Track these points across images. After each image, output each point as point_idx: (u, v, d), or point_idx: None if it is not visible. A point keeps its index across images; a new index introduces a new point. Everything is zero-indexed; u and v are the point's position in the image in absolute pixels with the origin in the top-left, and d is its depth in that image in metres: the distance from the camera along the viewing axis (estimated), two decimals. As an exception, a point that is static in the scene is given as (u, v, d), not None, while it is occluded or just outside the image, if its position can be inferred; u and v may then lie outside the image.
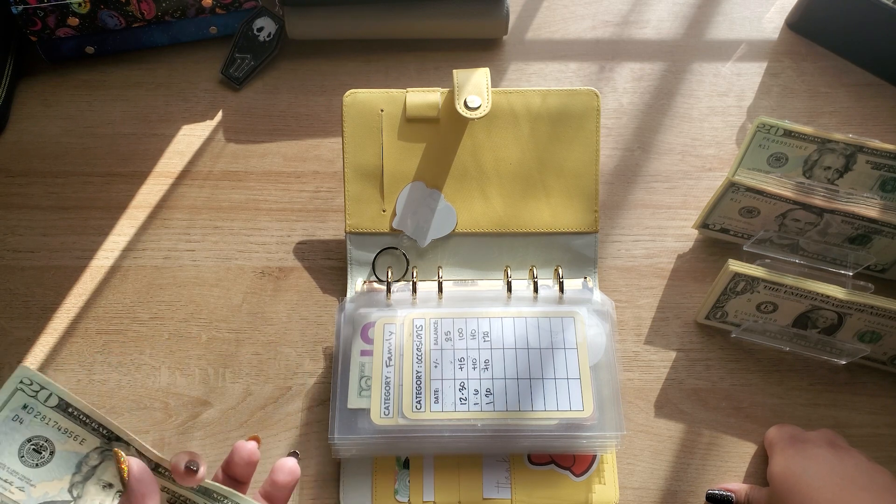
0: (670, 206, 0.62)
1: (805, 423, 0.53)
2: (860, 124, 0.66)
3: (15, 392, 0.40)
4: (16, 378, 0.39)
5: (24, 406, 0.40)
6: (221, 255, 0.60)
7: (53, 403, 0.40)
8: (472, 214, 0.57)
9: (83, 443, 0.41)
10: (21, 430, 0.40)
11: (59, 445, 0.40)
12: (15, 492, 0.40)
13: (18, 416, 0.40)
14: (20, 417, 0.40)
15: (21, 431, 0.40)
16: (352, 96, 0.57)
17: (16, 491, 0.40)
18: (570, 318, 0.52)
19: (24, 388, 0.39)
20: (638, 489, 0.52)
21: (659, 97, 0.68)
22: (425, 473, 0.51)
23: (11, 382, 0.39)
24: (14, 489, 0.40)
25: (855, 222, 0.53)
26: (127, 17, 0.66)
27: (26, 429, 0.40)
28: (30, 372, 0.39)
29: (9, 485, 0.40)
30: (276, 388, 0.55)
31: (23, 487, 0.40)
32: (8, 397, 0.40)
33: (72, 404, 0.40)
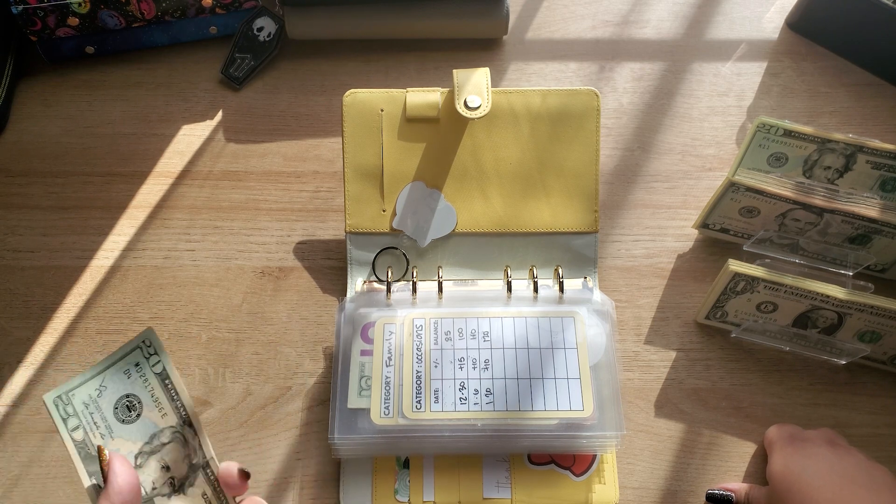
0: (670, 206, 0.62)
1: (805, 422, 0.53)
2: (860, 124, 0.66)
3: (135, 349, 0.43)
4: (140, 337, 0.43)
5: (137, 364, 0.43)
6: (221, 255, 0.60)
7: (158, 371, 0.43)
8: (472, 214, 0.57)
9: (164, 417, 0.43)
10: (126, 384, 0.43)
11: (147, 411, 0.43)
12: (96, 436, 0.43)
13: (129, 370, 0.43)
14: (129, 372, 0.43)
15: (125, 386, 0.43)
16: (352, 96, 0.57)
17: (97, 436, 0.43)
18: (570, 318, 0.52)
19: (143, 348, 0.43)
20: (638, 489, 0.52)
21: (659, 97, 0.68)
22: (425, 473, 0.51)
23: (136, 340, 0.43)
24: (97, 433, 0.43)
25: (855, 222, 0.53)
26: (127, 17, 0.66)
27: (129, 385, 0.43)
28: (153, 335, 0.43)
29: (96, 428, 0.43)
30: (276, 388, 0.55)
31: (104, 436, 0.43)
32: (128, 351, 0.43)
33: (170, 376, 0.43)
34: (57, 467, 0.52)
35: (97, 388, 0.43)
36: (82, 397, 0.43)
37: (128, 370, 0.43)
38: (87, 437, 0.42)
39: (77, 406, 0.42)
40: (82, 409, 0.43)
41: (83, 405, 0.43)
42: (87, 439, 0.42)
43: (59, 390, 0.42)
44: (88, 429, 0.43)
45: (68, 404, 0.42)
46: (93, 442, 0.43)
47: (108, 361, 0.43)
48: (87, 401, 0.43)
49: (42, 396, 0.42)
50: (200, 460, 0.43)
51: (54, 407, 0.42)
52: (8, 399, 0.55)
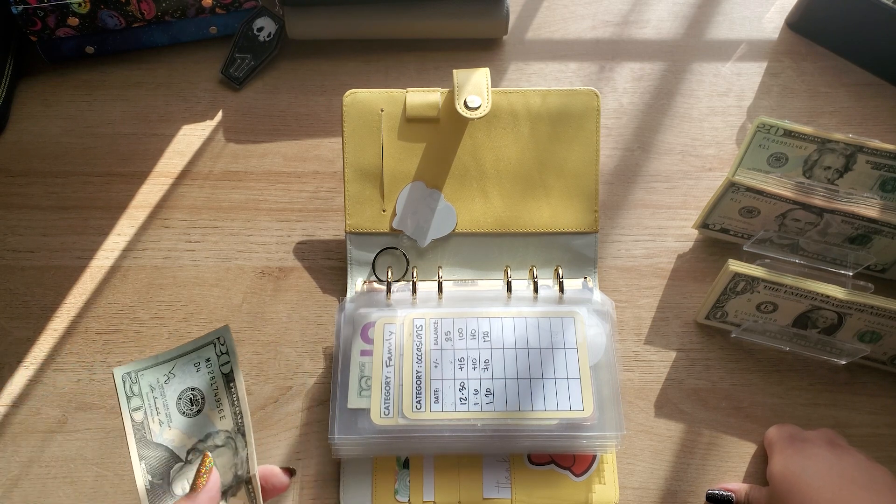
0: (670, 206, 0.62)
1: (805, 422, 0.53)
2: (860, 124, 0.66)
3: (208, 344, 0.43)
4: (216, 333, 0.42)
5: (207, 359, 0.43)
6: (221, 255, 0.60)
7: (226, 371, 0.43)
8: (472, 214, 0.57)
9: (222, 419, 0.43)
10: (193, 377, 0.43)
11: (208, 408, 0.43)
12: (155, 422, 0.43)
13: (199, 364, 0.43)
14: (199, 366, 0.43)
15: (192, 378, 0.43)
16: (352, 96, 0.57)
17: (156, 422, 0.43)
18: (570, 318, 0.52)
19: (217, 344, 0.43)
20: (638, 489, 0.52)
21: (659, 97, 0.68)
22: (425, 473, 0.51)
23: (211, 335, 0.42)
24: (156, 419, 0.43)
25: (855, 222, 0.53)
26: (127, 17, 0.66)
27: (196, 378, 0.43)
28: (228, 334, 0.42)
29: (156, 413, 0.43)
30: (276, 388, 0.55)
31: (162, 423, 0.43)
32: (202, 345, 0.43)
33: (235, 380, 0.43)
34: (57, 467, 0.52)
35: (166, 374, 0.43)
36: (150, 380, 0.42)
37: (198, 363, 0.43)
38: (147, 420, 0.42)
39: (143, 387, 0.42)
40: (147, 391, 0.42)
41: (149, 388, 0.42)
42: (145, 422, 0.42)
43: (129, 367, 0.42)
44: (149, 412, 0.42)
45: (135, 383, 0.42)
46: (150, 427, 0.42)
47: (181, 350, 0.43)
48: (154, 384, 0.42)
49: (112, 369, 0.41)
50: (245, 473, 0.43)
51: (122, 382, 0.41)
52: (8, 399, 0.55)
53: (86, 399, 0.55)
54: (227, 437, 0.43)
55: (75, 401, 0.55)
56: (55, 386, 0.55)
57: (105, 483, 0.52)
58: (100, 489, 0.52)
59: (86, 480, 0.52)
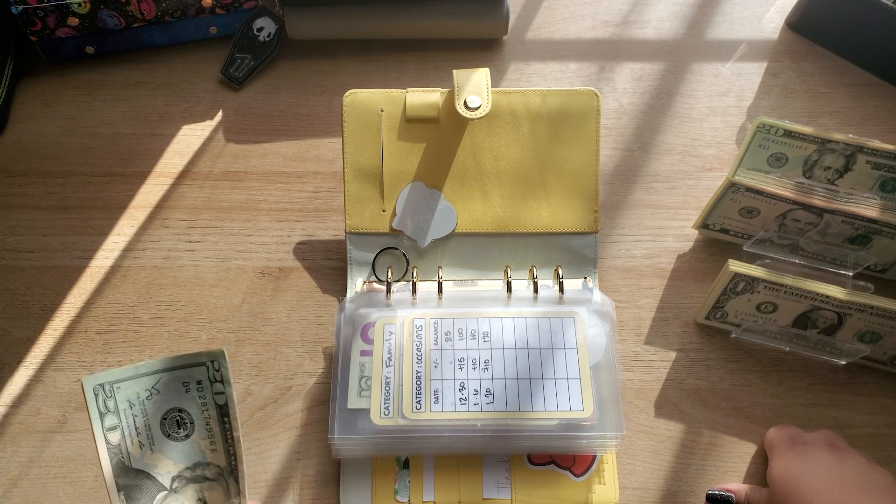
0: (670, 206, 0.62)
1: (805, 423, 0.53)
2: (860, 124, 0.66)
3: (200, 364, 0.37)
4: (209, 355, 0.37)
5: (199, 382, 0.38)
6: (221, 255, 0.60)
7: (220, 402, 0.38)
8: (472, 214, 0.57)
9: (213, 452, 0.38)
10: (181, 397, 0.37)
11: (197, 436, 0.38)
12: (135, 443, 0.37)
13: (189, 384, 0.37)
14: (189, 387, 0.37)
15: (179, 398, 0.37)
16: (352, 96, 0.57)
17: (134, 442, 0.37)
18: (570, 319, 0.52)
19: (210, 368, 0.37)
20: (638, 489, 0.52)
21: (659, 97, 0.68)
22: (425, 473, 0.51)
23: (204, 355, 0.37)
24: (135, 440, 0.37)
25: (855, 222, 0.53)
26: (127, 17, 0.66)
27: (185, 400, 0.37)
28: (223, 359, 0.37)
29: (136, 434, 0.37)
30: (276, 388, 0.55)
31: (142, 445, 0.37)
32: (192, 363, 0.37)
33: (229, 414, 0.38)
34: (57, 467, 0.52)
35: (148, 389, 0.37)
36: (129, 394, 0.36)
37: (187, 383, 0.37)
38: (124, 442, 0.37)
39: (120, 402, 0.36)
40: (126, 407, 0.37)
41: (128, 403, 0.36)
42: (123, 444, 0.36)
43: (102, 377, 0.36)
44: (128, 433, 0.37)
45: (110, 397, 0.36)
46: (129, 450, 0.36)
47: (167, 363, 0.37)
48: (134, 400, 0.37)
49: (80, 378, 0.35)
50: None
51: (93, 396, 0.35)
52: (8, 399, 0.55)
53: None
54: (217, 473, 0.38)
55: (75, 401, 0.55)
56: (55, 386, 0.55)
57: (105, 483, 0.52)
58: (100, 489, 0.52)
59: (86, 480, 0.52)
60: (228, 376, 0.37)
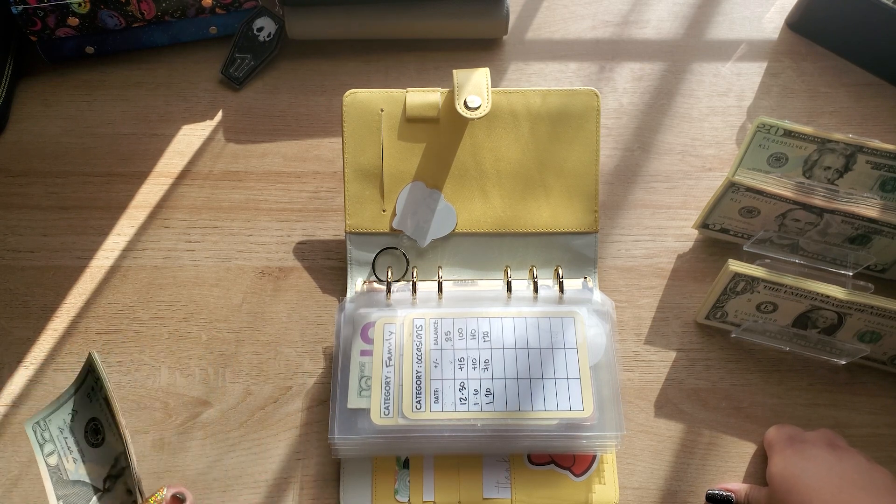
0: (670, 206, 0.62)
1: (805, 423, 0.53)
2: (860, 124, 0.66)
3: (87, 374, 0.43)
4: (86, 364, 0.43)
5: (93, 388, 0.44)
6: (221, 255, 0.60)
7: (102, 396, 0.43)
8: (472, 214, 0.57)
9: (117, 441, 0.43)
10: (89, 408, 0.43)
11: (108, 434, 0.43)
12: (69, 460, 0.43)
13: (90, 394, 0.43)
14: (91, 396, 0.43)
15: (90, 409, 0.43)
16: (352, 96, 0.57)
17: (70, 461, 0.43)
18: (570, 318, 0.52)
19: (91, 374, 0.43)
20: (638, 489, 0.52)
21: (659, 97, 0.68)
22: (425, 473, 0.51)
23: (84, 366, 0.43)
24: (70, 458, 0.43)
25: (855, 222, 0.53)
26: (127, 17, 0.66)
27: (93, 408, 0.43)
28: (91, 360, 0.42)
29: (69, 452, 0.43)
30: (276, 388, 0.55)
31: (76, 460, 0.43)
32: (84, 376, 0.43)
33: (111, 405, 0.42)
34: (57, 467, 0.52)
35: (70, 412, 0.43)
36: (58, 423, 0.43)
37: (89, 394, 0.43)
38: (61, 461, 0.42)
39: (53, 432, 0.42)
40: (57, 433, 0.43)
41: (58, 430, 0.43)
42: (60, 464, 0.42)
43: (37, 416, 0.42)
44: (62, 454, 0.42)
45: (45, 430, 0.42)
46: (65, 467, 0.42)
47: (75, 385, 0.43)
48: (62, 426, 0.43)
49: (23, 424, 0.42)
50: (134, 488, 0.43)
51: (33, 433, 0.42)
52: (8, 399, 0.55)
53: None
54: (125, 458, 0.43)
55: (75, 401, 0.55)
56: (55, 386, 0.55)
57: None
58: (100, 489, 0.52)
59: (86, 480, 0.52)
60: (99, 371, 0.42)
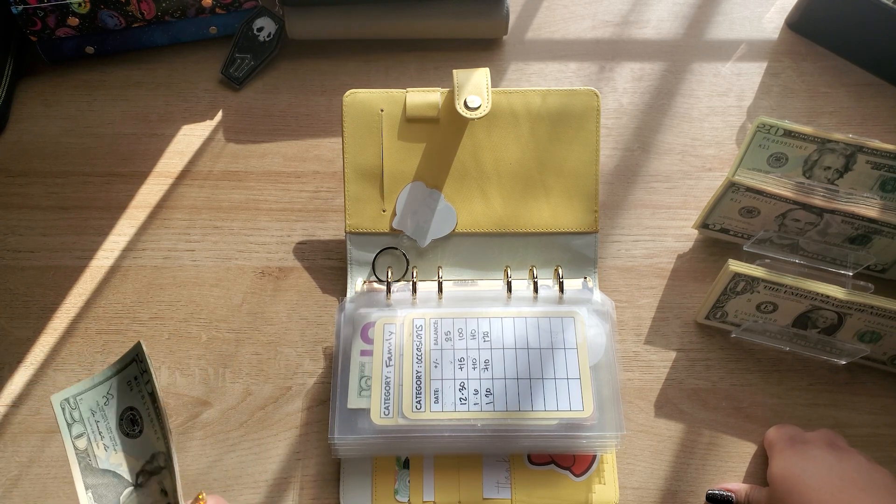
0: (670, 206, 0.62)
1: (805, 423, 0.53)
2: (860, 124, 0.66)
3: (131, 362, 0.41)
4: (133, 351, 0.40)
5: (135, 378, 0.41)
6: (221, 255, 0.60)
7: (150, 391, 0.40)
8: (472, 214, 0.57)
9: (157, 440, 0.41)
10: (129, 395, 0.41)
11: (147, 428, 0.41)
12: (100, 447, 0.40)
13: (131, 382, 0.41)
14: (132, 385, 0.41)
15: (128, 397, 0.41)
16: (352, 96, 0.57)
17: (101, 447, 0.40)
18: (570, 319, 0.52)
19: (137, 363, 0.41)
20: (638, 489, 0.52)
21: (659, 97, 0.68)
22: (425, 473, 0.51)
23: (130, 352, 0.40)
24: (101, 444, 0.40)
25: (855, 222, 0.53)
26: (127, 17, 0.66)
27: (132, 397, 0.41)
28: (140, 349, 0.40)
29: (100, 439, 0.40)
30: (276, 388, 0.55)
31: (108, 447, 0.41)
32: (127, 362, 0.41)
33: (158, 401, 0.40)
34: (57, 467, 0.52)
35: (105, 395, 0.40)
36: (90, 403, 0.40)
37: (130, 382, 0.41)
38: (91, 446, 0.40)
39: (84, 412, 0.40)
40: (88, 415, 0.40)
41: (90, 412, 0.40)
42: (90, 449, 0.40)
43: (67, 392, 0.40)
44: (93, 438, 0.40)
45: (75, 409, 0.40)
46: (95, 452, 0.40)
47: (114, 368, 0.41)
48: (95, 408, 0.40)
49: (50, 397, 0.39)
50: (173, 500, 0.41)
51: (61, 410, 0.40)
52: (8, 399, 0.55)
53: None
54: (164, 459, 0.41)
55: (75, 401, 0.55)
56: (55, 386, 0.55)
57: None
58: (100, 489, 0.52)
59: (86, 480, 0.52)
60: (147, 364, 0.40)
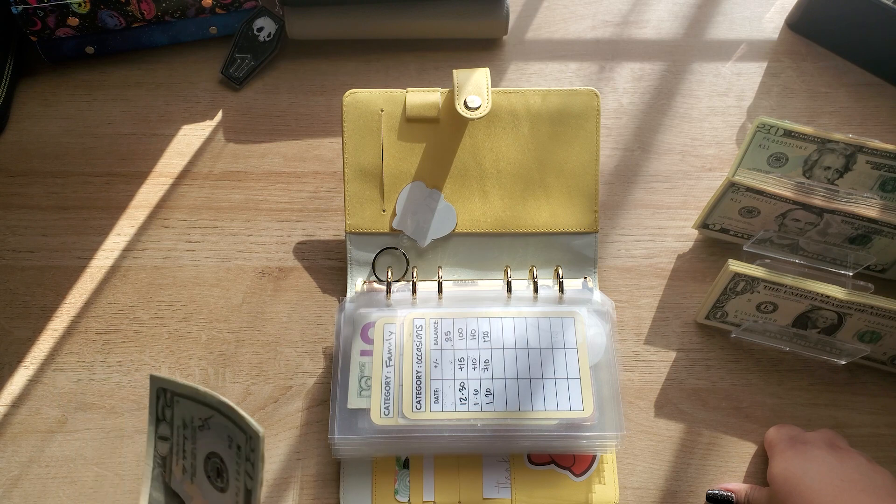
0: (670, 206, 0.62)
1: (805, 423, 0.53)
2: (860, 124, 0.66)
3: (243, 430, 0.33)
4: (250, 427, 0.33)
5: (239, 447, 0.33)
6: (221, 255, 0.60)
7: (249, 487, 0.33)
8: (472, 214, 0.57)
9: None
10: (223, 449, 0.34)
11: (229, 498, 0.34)
12: (179, 465, 0.35)
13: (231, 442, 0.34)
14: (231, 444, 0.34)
15: (223, 449, 0.34)
16: (352, 96, 0.57)
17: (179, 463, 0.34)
18: (570, 319, 0.52)
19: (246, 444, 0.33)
20: (638, 489, 0.52)
21: (659, 97, 0.68)
22: (425, 473, 0.51)
23: (247, 425, 0.33)
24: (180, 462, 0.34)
25: (855, 222, 0.53)
26: (127, 17, 0.66)
27: (227, 454, 0.34)
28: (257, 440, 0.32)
29: (182, 458, 0.35)
30: (276, 388, 0.55)
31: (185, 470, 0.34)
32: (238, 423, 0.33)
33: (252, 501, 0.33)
34: (57, 467, 0.52)
35: (202, 419, 0.34)
36: (185, 413, 0.34)
37: (231, 439, 0.34)
38: (171, 458, 0.35)
39: (176, 418, 0.34)
40: (180, 424, 0.35)
41: (182, 422, 0.34)
42: (169, 459, 0.35)
43: (167, 383, 0.34)
44: (176, 451, 0.35)
45: (169, 407, 0.34)
46: (172, 468, 0.34)
47: (221, 405, 0.33)
48: (188, 422, 0.34)
49: (150, 374, 0.34)
50: None
51: (156, 398, 0.34)
52: (8, 399, 0.55)
53: (86, 399, 0.55)
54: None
55: (75, 401, 0.55)
56: (55, 386, 0.55)
57: (105, 483, 0.52)
58: (100, 489, 0.52)
59: (86, 480, 0.52)
60: (259, 465, 0.33)
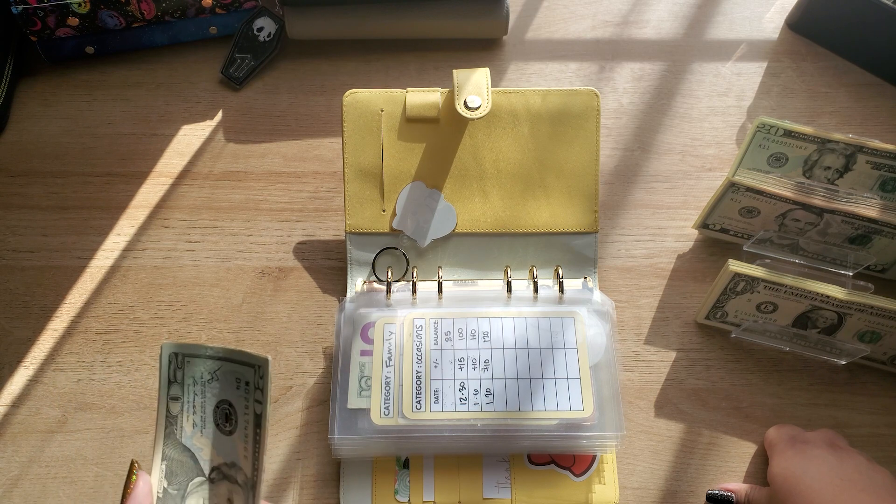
0: (670, 206, 0.62)
1: (805, 423, 0.53)
2: (860, 124, 0.66)
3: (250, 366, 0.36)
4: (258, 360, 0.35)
5: (247, 383, 0.36)
6: (221, 255, 0.60)
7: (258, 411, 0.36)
8: (472, 214, 0.57)
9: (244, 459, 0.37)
10: (232, 392, 0.36)
11: (238, 436, 0.37)
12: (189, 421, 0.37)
13: (240, 382, 0.36)
14: (240, 384, 0.36)
15: (231, 392, 0.36)
16: (352, 96, 0.57)
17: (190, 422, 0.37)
18: (570, 319, 0.52)
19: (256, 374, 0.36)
20: (638, 489, 0.52)
21: (659, 97, 0.68)
22: (425, 473, 0.51)
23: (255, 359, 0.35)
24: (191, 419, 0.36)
25: (855, 222, 0.53)
26: (127, 17, 0.66)
27: (234, 395, 0.36)
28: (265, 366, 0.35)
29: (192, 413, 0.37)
30: (276, 388, 0.55)
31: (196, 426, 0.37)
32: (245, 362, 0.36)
33: (261, 427, 0.36)
34: (57, 467, 0.52)
35: (211, 372, 0.36)
36: (196, 371, 0.36)
37: (239, 380, 0.36)
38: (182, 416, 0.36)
39: (187, 377, 0.36)
40: (190, 382, 0.36)
41: (192, 380, 0.36)
42: (180, 418, 0.36)
43: (178, 348, 0.36)
44: (186, 408, 0.37)
45: (180, 369, 0.36)
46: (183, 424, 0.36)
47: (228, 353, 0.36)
48: (198, 378, 0.36)
49: (162, 343, 0.36)
50: None
51: (167, 363, 0.36)
52: (8, 399, 0.55)
53: (86, 399, 0.55)
54: (244, 481, 0.37)
55: (75, 401, 0.55)
56: (55, 386, 0.55)
57: (105, 483, 0.52)
58: (100, 489, 0.52)
59: (86, 480, 0.52)
60: (267, 387, 0.35)
